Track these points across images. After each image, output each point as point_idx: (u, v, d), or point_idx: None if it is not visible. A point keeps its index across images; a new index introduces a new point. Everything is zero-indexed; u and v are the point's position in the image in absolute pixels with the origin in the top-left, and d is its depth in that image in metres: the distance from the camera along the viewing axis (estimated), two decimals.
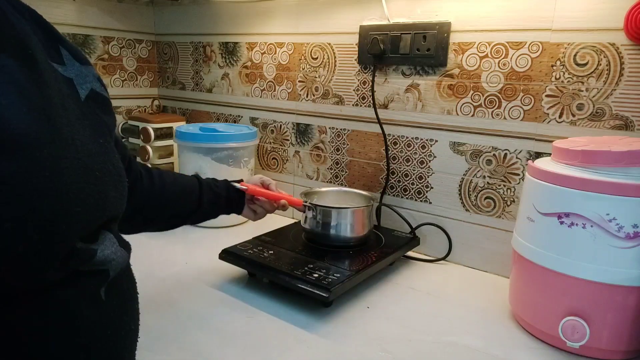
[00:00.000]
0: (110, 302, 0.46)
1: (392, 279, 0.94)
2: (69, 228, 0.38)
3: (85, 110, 0.46)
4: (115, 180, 0.46)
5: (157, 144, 1.35)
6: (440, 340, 0.73)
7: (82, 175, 0.40)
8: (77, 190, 0.39)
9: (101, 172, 0.43)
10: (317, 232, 0.95)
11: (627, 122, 0.81)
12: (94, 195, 0.41)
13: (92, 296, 0.44)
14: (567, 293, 0.68)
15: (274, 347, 0.70)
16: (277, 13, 1.23)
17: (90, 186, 0.41)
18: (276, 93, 1.28)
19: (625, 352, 0.68)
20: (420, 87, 1.02)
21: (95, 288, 0.44)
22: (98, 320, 0.44)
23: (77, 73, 0.48)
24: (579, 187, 0.65)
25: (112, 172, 0.45)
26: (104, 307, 0.45)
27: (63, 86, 0.44)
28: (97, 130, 0.46)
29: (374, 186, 1.14)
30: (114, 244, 0.47)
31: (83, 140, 0.42)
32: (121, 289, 0.49)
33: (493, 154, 0.95)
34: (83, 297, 0.43)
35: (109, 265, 0.45)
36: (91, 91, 0.48)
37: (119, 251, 0.47)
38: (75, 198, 0.39)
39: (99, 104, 0.49)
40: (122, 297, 0.49)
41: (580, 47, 0.83)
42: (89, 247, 0.43)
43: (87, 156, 0.41)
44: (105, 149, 0.46)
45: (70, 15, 1.31)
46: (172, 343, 0.70)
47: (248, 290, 0.87)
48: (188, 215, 0.80)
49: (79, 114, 0.44)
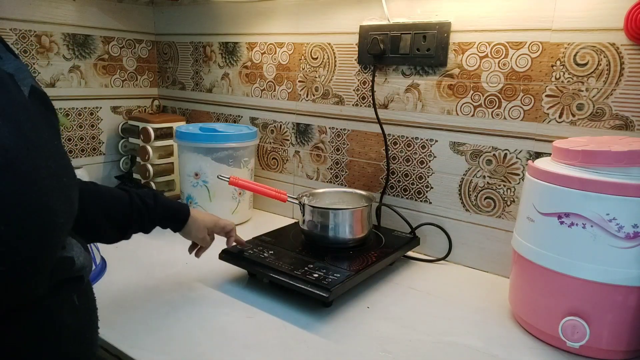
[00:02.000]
0: (83, 306, 0.46)
1: (392, 279, 0.94)
2: (56, 239, 0.37)
3: (34, 108, 0.41)
4: (76, 182, 0.44)
5: (157, 144, 1.35)
6: (440, 340, 0.73)
7: (56, 183, 0.38)
8: (57, 200, 0.37)
9: (66, 177, 0.41)
10: (316, 233, 0.95)
11: (627, 122, 0.81)
12: (67, 202, 0.39)
13: (70, 303, 0.43)
14: (567, 293, 0.68)
15: (274, 347, 0.70)
16: (277, 13, 1.23)
17: (64, 194, 0.39)
18: (276, 93, 1.28)
19: (625, 352, 0.68)
20: (420, 87, 1.02)
21: (72, 294, 0.44)
22: (76, 325, 0.44)
23: (16, 67, 0.42)
24: (579, 187, 0.65)
25: (71, 174, 0.43)
26: (79, 311, 0.45)
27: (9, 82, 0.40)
28: (49, 130, 0.42)
29: (374, 186, 1.14)
30: (80, 248, 0.46)
31: (46, 145, 0.38)
32: (86, 291, 0.49)
33: (493, 154, 0.95)
34: (64, 305, 0.42)
35: (84, 271, 0.45)
36: (32, 88, 0.43)
37: (87, 256, 0.47)
38: (57, 209, 0.37)
39: (42, 101, 0.44)
40: (89, 299, 0.49)
41: (580, 47, 0.83)
42: (63, 255, 0.42)
43: (53, 161, 0.39)
44: (61, 150, 0.43)
45: (70, 15, 1.31)
46: (172, 343, 0.70)
47: (248, 290, 0.87)
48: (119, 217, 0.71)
49: (35, 112, 0.40)
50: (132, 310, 0.79)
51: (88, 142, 1.42)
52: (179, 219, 0.79)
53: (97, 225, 0.68)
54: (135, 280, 0.89)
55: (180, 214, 0.79)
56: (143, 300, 0.82)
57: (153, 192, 0.78)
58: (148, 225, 0.75)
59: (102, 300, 0.80)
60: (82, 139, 1.40)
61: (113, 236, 0.72)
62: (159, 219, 0.76)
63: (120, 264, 0.95)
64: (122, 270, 0.93)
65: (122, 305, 0.80)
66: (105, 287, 0.86)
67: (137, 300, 0.82)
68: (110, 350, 0.70)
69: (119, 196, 0.72)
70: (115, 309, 0.79)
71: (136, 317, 0.77)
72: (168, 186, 1.41)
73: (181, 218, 0.79)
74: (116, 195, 0.72)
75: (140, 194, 0.74)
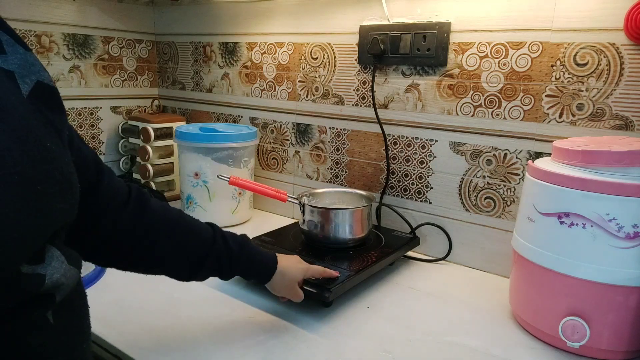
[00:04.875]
0: (60, 324, 0.41)
1: (392, 279, 0.94)
2: (7, 256, 0.34)
3: (30, 109, 0.39)
4: (64, 188, 0.40)
5: (157, 144, 1.35)
6: (440, 340, 0.73)
7: (20, 194, 0.34)
8: (13, 214, 0.33)
9: (44, 184, 0.37)
10: (316, 233, 0.95)
11: (627, 122, 0.81)
12: (34, 214, 0.35)
13: (39, 322, 0.39)
14: (567, 293, 0.68)
15: (274, 347, 0.70)
16: (277, 13, 1.23)
17: (30, 204, 0.35)
18: (276, 93, 1.28)
19: (625, 352, 0.68)
20: (420, 87, 1.02)
21: (41, 313, 0.39)
22: (48, 346, 0.40)
23: (21, 62, 0.40)
24: (579, 187, 0.65)
25: (59, 180, 0.39)
26: (53, 331, 0.40)
27: (2, 81, 0.38)
28: (43, 131, 0.39)
29: (374, 186, 1.14)
30: (62, 262, 0.41)
31: (24, 147, 0.35)
32: (71, 307, 0.44)
33: (493, 154, 0.95)
34: (29, 325, 0.38)
35: (56, 290, 0.40)
36: (37, 84, 0.41)
37: (68, 271, 0.42)
38: (11, 223, 0.33)
39: (45, 100, 0.42)
40: (72, 316, 0.44)
41: (580, 47, 0.83)
42: (35, 271, 0.38)
43: (29, 167, 0.35)
44: (53, 153, 0.39)
45: (70, 15, 1.31)
46: (172, 343, 0.70)
47: (248, 290, 0.87)
48: (191, 260, 0.63)
49: (22, 114, 0.37)
50: (132, 310, 0.79)
51: (88, 142, 1.42)
52: (263, 274, 0.71)
53: (162, 258, 0.61)
54: (135, 280, 0.89)
55: (266, 269, 0.71)
56: (143, 300, 0.82)
57: (243, 238, 0.69)
58: (227, 273, 0.67)
59: (102, 300, 0.80)
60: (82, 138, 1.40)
61: (182, 274, 0.65)
62: (241, 270, 0.68)
63: None
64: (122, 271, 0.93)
65: (122, 305, 0.80)
66: (105, 287, 0.86)
67: (136, 300, 0.82)
68: (110, 350, 0.70)
69: (199, 231, 0.64)
70: (115, 309, 0.79)
71: (136, 317, 0.77)
72: (168, 186, 1.41)
73: (267, 272, 0.71)
74: (197, 229, 0.64)
75: (226, 236, 0.66)
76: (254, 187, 1.01)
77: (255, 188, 1.01)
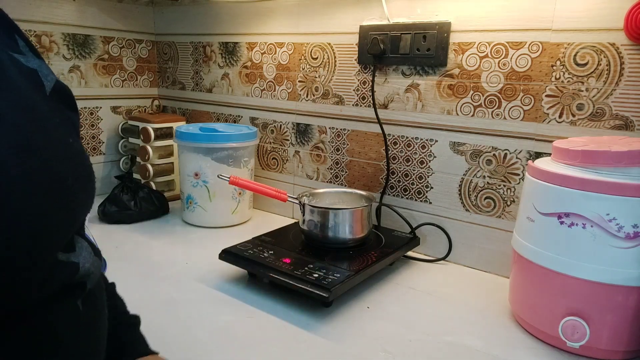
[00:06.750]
0: (87, 313, 0.43)
1: (392, 279, 0.94)
2: (45, 246, 0.35)
3: (52, 106, 0.40)
4: (85, 181, 0.42)
5: (157, 144, 1.35)
6: (440, 340, 0.73)
7: (54, 187, 0.36)
8: (50, 206, 0.35)
9: (72, 179, 0.38)
10: (317, 233, 0.95)
11: (627, 122, 0.81)
12: (66, 207, 0.37)
13: (71, 309, 0.41)
14: (567, 293, 0.68)
15: (274, 347, 0.70)
16: (277, 13, 1.23)
17: (63, 197, 0.37)
18: (276, 93, 1.28)
19: (625, 352, 0.68)
20: (420, 87, 1.02)
21: (74, 301, 0.41)
22: (78, 333, 0.41)
23: (39, 64, 0.41)
24: (579, 187, 0.65)
25: (82, 174, 0.41)
26: (83, 318, 0.42)
27: (27, 79, 0.39)
28: (66, 128, 0.41)
29: (374, 186, 1.14)
30: (90, 253, 0.44)
31: (53, 144, 0.37)
32: (94, 297, 0.46)
33: (493, 154, 0.95)
34: (64, 312, 0.40)
35: (87, 278, 0.42)
36: (56, 83, 0.42)
37: (95, 262, 0.44)
38: (50, 215, 0.35)
39: (63, 98, 0.43)
40: (96, 305, 0.46)
41: (580, 47, 0.83)
42: (70, 259, 0.40)
43: (58, 162, 0.37)
44: (75, 149, 0.41)
45: (70, 15, 1.31)
46: (172, 343, 0.70)
47: (248, 290, 0.87)
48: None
49: (47, 111, 0.39)
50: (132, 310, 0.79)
51: (88, 142, 1.42)
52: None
53: None
54: (135, 280, 0.89)
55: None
56: (143, 300, 0.82)
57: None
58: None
59: None
60: (82, 138, 1.40)
61: None
62: None
63: (120, 264, 0.95)
64: (122, 270, 0.93)
65: None
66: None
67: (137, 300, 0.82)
68: None
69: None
70: None
71: None
72: (168, 186, 1.41)
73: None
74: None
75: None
76: (254, 187, 1.01)
77: (255, 188, 1.01)
